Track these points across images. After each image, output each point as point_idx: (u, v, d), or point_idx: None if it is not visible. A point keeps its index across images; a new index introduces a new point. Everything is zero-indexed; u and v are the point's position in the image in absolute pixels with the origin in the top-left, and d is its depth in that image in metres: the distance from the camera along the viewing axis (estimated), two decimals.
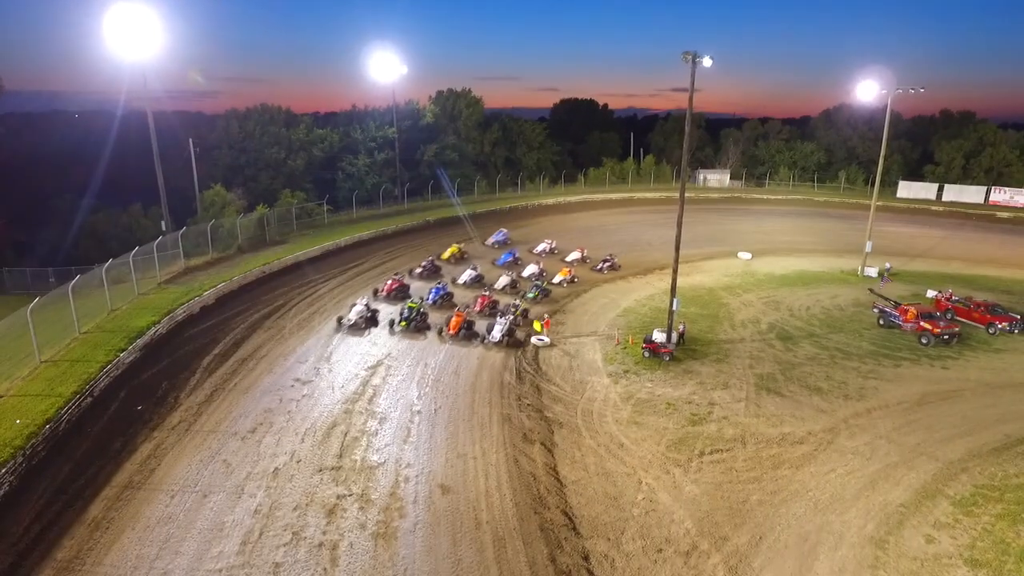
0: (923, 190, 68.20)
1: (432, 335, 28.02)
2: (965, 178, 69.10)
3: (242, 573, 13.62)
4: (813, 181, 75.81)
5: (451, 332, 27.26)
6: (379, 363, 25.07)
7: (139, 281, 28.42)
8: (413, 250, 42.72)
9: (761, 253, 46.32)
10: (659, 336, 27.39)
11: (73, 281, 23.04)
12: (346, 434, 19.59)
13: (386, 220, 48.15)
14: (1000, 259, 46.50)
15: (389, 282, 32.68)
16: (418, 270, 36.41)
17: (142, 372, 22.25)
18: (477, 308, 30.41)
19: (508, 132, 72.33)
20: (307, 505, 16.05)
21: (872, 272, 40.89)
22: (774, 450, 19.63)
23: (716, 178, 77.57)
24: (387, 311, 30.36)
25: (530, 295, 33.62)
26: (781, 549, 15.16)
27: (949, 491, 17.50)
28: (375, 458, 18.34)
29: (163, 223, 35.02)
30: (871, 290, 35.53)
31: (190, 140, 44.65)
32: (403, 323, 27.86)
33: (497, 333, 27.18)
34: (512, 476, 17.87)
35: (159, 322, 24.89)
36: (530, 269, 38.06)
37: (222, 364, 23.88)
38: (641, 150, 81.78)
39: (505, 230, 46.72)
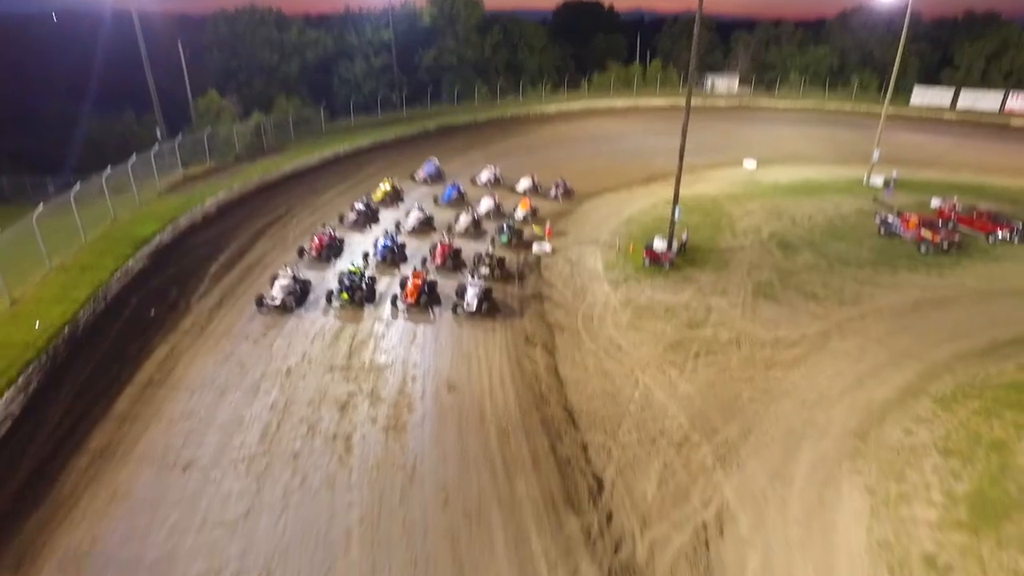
0: (937, 96, 66.40)
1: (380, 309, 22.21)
2: (983, 83, 67.09)
3: (264, 460, 14.72)
4: (824, 87, 73.62)
5: (409, 301, 21.47)
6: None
7: (139, 190, 28.49)
8: (413, 159, 42.24)
9: (767, 162, 45.79)
10: (660, 244, 27.75)
11: (75, 189, 23.18)
12: (354, 337, 20.39)
13: (385, 128, 47.37)
14: (1011, 168, 46.02)
15: (317, 238, 25.43)
16: (352, 216, 29.25)
17: (151, 279, 22.89)
18: (437, 261, 24.73)
19: (509, 35, 69.56)
20: (320, 401, 17.04)
21: (878, 181, 40.64)
22: (767, 352, 20.47)
23: (724, 83, 75.33)
24: (321, 280, 23.93)
25: (502, 239, 28.22)
26: (768, 441, 16.22)
27: (931, 389, 18.45)
28: (383, 359, 19.23)
29: (158, 131, 34.62)
30: (875, 199, 35.54)
31: (179, 43, 43.18)
32: (344, 295, 21.59)
33: (472, 298, 21.47)
34: (515, 375, 18.81)
35: (163, 230, 25.29)
36: (485, 204, 32.19)
37: (229, 271, 24.45)
38: (648, 53, 78.83)
39: (435, 160, 38.23)
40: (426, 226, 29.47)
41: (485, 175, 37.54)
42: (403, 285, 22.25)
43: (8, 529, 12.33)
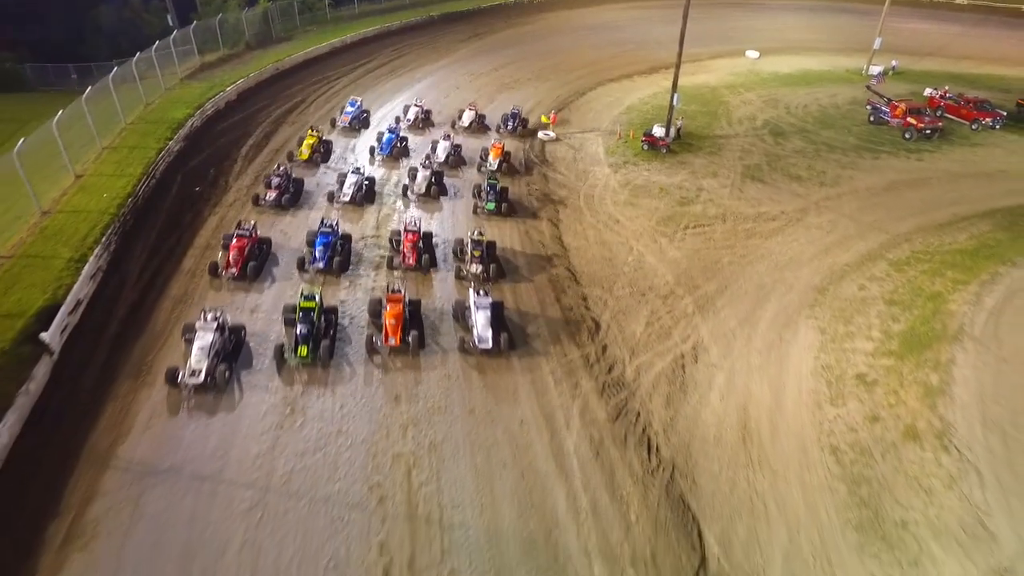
0: None
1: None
2: None
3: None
4: None
5: (390, 342, 15.56)
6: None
7: (162, 76, 29.98)
8: (419, 47, 42.99)
9: (770, 52, 46.34)
10: (658, 131, 29.63)
11: (112, 73, 24.89)
12: (379, 212, 22.91)
13: (390, 16, 47.53)
14: (1013, 57, 46.71)
15: (233, 244, 18.35)
16: (271, 196, 21.83)
17: (190, 160, 25.13)
18: (410, 260, 18.78)
19: None
20: (358, 263, 19.78)
21: (877, 71, 41.61)
22: (749, 225, 23.11)
23: None
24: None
25: (488, 206, 22.53)
26: (741, 295, 19.17)
27: (889, 255, 21.24)
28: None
29: (169, 18, 35.38)
30: (868, 87, 36.92)
31: None
32: (302, 350, 14.89)
33: (485, 331, 15.87)
34: (524, 243, 21.53)
35: (193, 115, 27.18)
36: (441, 150, 26.23)
37: (258, 153, 26.59)
38: None
39: (357, 99, 30.57)
40: (368, 199, 23.04)
41: (413, 112, 30.27)
42: (376, 313, 16.66)
43: (122, 349, 15.45)
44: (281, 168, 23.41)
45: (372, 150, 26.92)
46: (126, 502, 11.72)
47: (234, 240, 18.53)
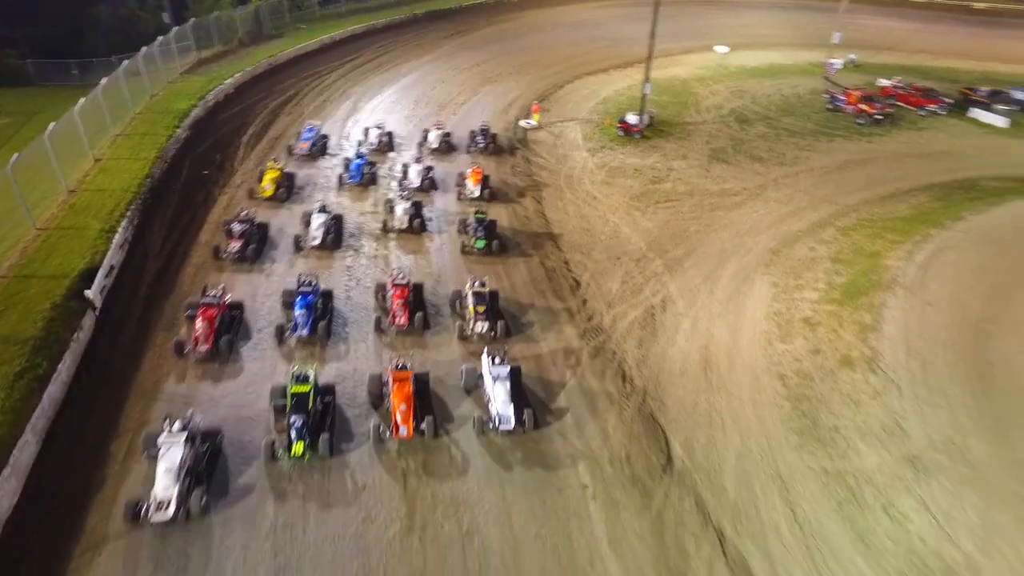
0: None
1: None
2: None
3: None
4: None
5: (401, 433, 13.52)
6: (393, 139, 29.77)
7: (164, 70, 31.76)
8: (404, 44, 45.02)
9: (738, 47, 48.94)
10: (632, 118, 32.02)
11: (123, 66, 26.70)
12: (376, 190, 24.97)
13: (375, 14, 49.48)
14: (963, 52, 49.83)
15: (200, 315, 15.89)
16: (234, 247, 19.23)
17: (197, 146, 26.99)
18: (401, 320, 16.71)
19: None
20: (360, 234, 21.84)
21: (837, 63, 44.45)
22: (714, 200, 25.55)
23: None
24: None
25: (478, 244, 20.67)
26: (705, 257, 21.56)
27: (837, 223, 23.80)
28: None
29: (165, 16, 37.08)
30: (826, 78, 39.76)
31: None
32: (297, 447, 12.91)
33: (505, 408, 13.98)
34: (510, 216, 23.75)
35: (196, 106, 29.02)
36: (413, 175, 24.67)
37: (259, 141, 28.49)
38: None
39: (315, 123, 28.76)
40: (334, 243, 20.71)
41: (374, 133, 28.49)
42: (377, 394, 14.76)
43: (153, 307, 17.44)
44: (243, 212, 20.40)
45: (340, 179, 24.82)
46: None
47: (200, 310, 15.78)
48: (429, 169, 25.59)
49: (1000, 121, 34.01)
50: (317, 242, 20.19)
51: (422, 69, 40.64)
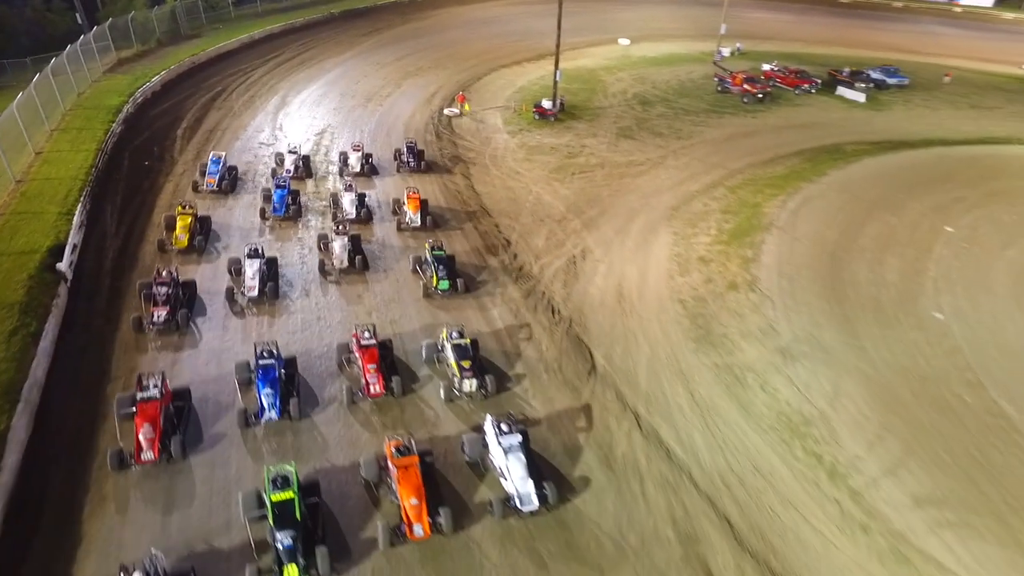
0: None
1: None
2: None
3: (279, 250, 21.65)
4: None
5: (417, 533, 11.77)
6: (324, 130, 31.71)
7: (87, 69, 32.27)
8: (323, 42, 46.63)
9: (639, 39, 53.45)
10: (546, 103, 35.25)
11: (51, 63, 27.46)
12: (315, 172, 26.94)
13: (292, 13, 50.74)
14: (831, 40, 56.31)
15: (140, 416, 13.19)
16: (159, 315, 16.59)
17: (133, 139, 28.06)
18: (375, 388, 14.80)
19: None
20: (306, 213, 23.79)
21: (725, 52, 49.53)
22: (622, 169, 29.03)
23: None
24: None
25: (443, 286, 18.88)
26: (617, 215, 24.87)
27: (727, 183, 27.75)
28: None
29: (78, 16, 37.20)
30: (715, 62, 44.51)
31: None
32: (294, 570, 10.79)
33: (524, 484, 12.48)
34: (444, 191, 26.33)
35: (127, 102, 29.94)
36: (348, 202, 23.00)
37: (194, 134, 29.74)
38: None
39: (220, 154, 25.58)
40: (271, 292, 18.31)
41: (290, 160, 26.32)
42: (375, 485, 12.97)
43: (121, 278, 18.96)
44: (164, 272, 17.50)
45: (263, 212, 22.78)
46: (160, 369, 15.40)
47: (137, 408, 13.14)
48: (363, 197, 23.83)
49: (859, 97, 39.54)
50: (254, 293, 17.88)
51: (345, 65, 42.45)
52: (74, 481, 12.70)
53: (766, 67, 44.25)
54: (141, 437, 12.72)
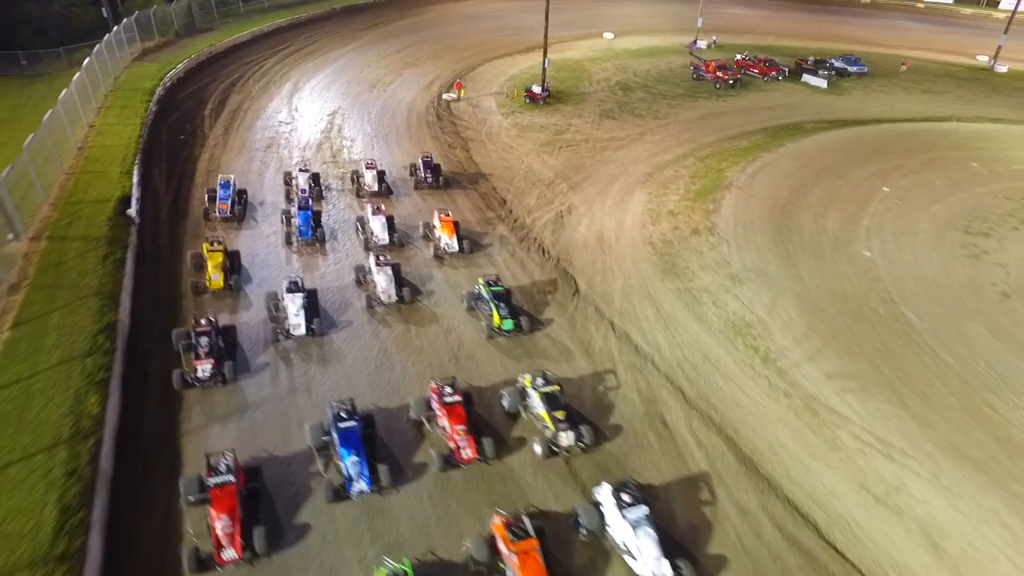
0: None
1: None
2: None
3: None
4: None
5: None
6: (335, 111, 35.26)
7: (120, 57, 35.70)
8: (328, 35, 50.15)
9: (623, 34, 57.26)
10: (536, 88, 38.96)
11: (96, 49, 30.88)
12: (332, 146, 30.56)
13: (297, 9, 54.23)
14: (802, 33, 60.32)
15: (216, 504, 11.96)
16: (204, 370, 15.37)
17: (168, 116, 31.58)
18: (466, 452, 13.70)
19: None
20: (328, 177, 27.32)
21: (702, 44, 53.43)
22: (604, 144, 32.76)
23: None
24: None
25: (507, 326, 17.66)
26: (599, 180, 28.58)
27: (696, 155, 31.54)
28: (356, 154, 29.73)
29: (104, 11, 40.55)
30: (690, 52, 48.43)
31: None
32: None
33: None
34: (445, 159, 29.95)
35: (159, 85, 33.33)
36: (377, 227, 21.90)
37: (220, 114, 33.24)
38: None
39: (228, 177, 24.07)
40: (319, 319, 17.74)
41: (303, 180, 24.91)
42: None
43: (177, 223, 22.47)
44: (203, 320, 16.34)
45: (288, 238, 22.02)
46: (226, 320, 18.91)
47: (212, 494, 11.95)
48: (392, 220, 22.47)
49: (822, 83, 43.54)
50: (301, 332, 17.06)
51: (348, 56, 45.98)
52: (163, 357, 16.29)
53: (738, 57, 48.16)
54: (220, 534, 11.46)
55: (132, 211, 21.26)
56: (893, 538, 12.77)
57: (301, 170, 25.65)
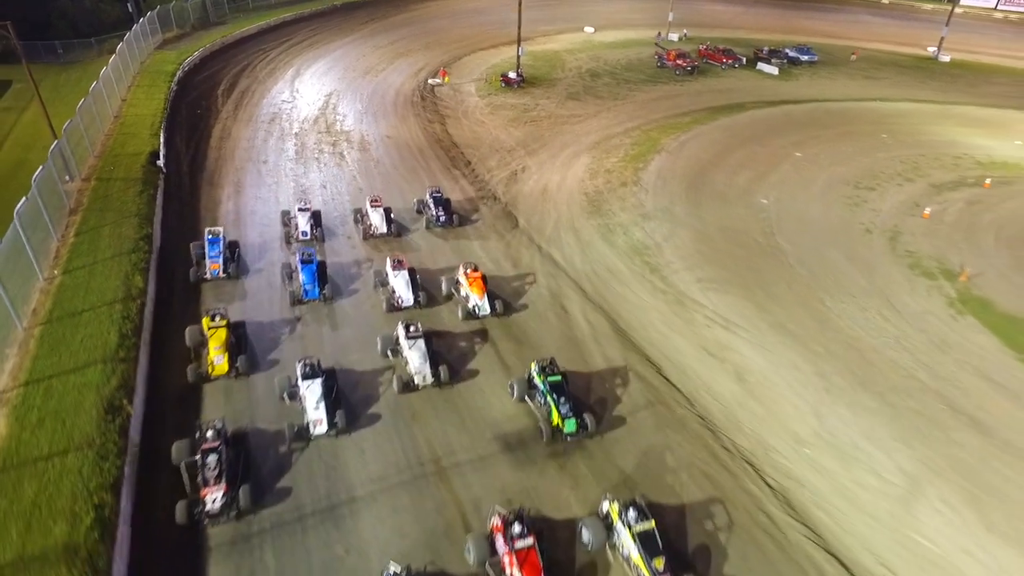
0: None
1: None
2: None
3: (300, 161, 30.43)
4: None
5: None
6: (331, 93, 40.59)
7: (144, 46, 41.25)
8: (328, 29, 55.65)
9: (603, 28, 62.27)
10: (512, 74, 44.12)
11: (126, 37, 36.35)
12: (327, 120, 35.88)
13: (301, 5, 59.98)
14: (772, 27, 65.13)
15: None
16: (216, 498, 12.87)
17: (187, 95, 37.04)
18: None
19: None
20: (321, 144, 32.67)
21: (674, 36, 58.38)
22: (564, 120, 37.87)
23: None
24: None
25: (569, 427, 14.99)
26: (553, 147, 33.68)
27: (642, 128, 36.58)
28: (348, 127, 35.01)
29: (129, 5, 46.21)
30: (656, 43, 53.45)
31: None
32: None
33: None
34: (424, 132, 35.20)
35: (178, 69, 38.85)
36: (402, 284, 19.70)
37: (231, 93, 38.69)
38: None
39: (217, 229, 21.42)
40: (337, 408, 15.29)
41: (304, 221, 22.98)
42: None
43: (196, 175, 27.79)
44: (209, 432, 13.78)
45: (292, 297, 19.47)
46: (233, 217, 24.19)
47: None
48: (414, 273, 20.28)
49: (773, 70, 48.45)
50: (322, 429, 14.69)
51: (346, 47, 51.38)
52: (183, 260, 21.52)
53: (701, 47, 53.12)
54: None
55: (160, 162, 26.61)
56: (713, 376, 17.78)
57: (301, 209, 23.41)
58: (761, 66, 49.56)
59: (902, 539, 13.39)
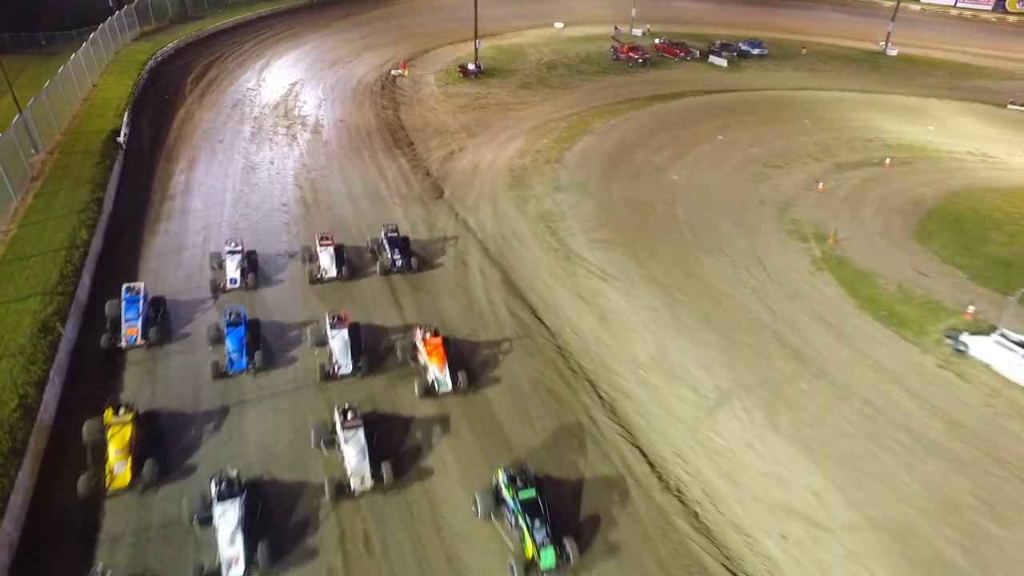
0: None
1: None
2: None
3: (254, 141, 33.26)
4: None
5: None
6: (296, 82, 43.48)
7: (120, 38, 44.28)
8: (303, 23, 58.65)
9: (572, 24, 65.04)
10: (470, 65, 46.91)
11: (99, 28, 39.36)
12: (287, 106, 38.76)
13: (277, 0, 62.79)
14: (738, 24, 67.74)
15: None
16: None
17: (157, 83, 40.10)
18: None
19: None
20: (277, 126, 35.54)
21: (637, 32, 61.09)
22: (511, 107, 40.66)
23: None
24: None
25: (546, 565, 12.31)
26: (493, 131, 36.45)
27: (580, 114, 39.33)
28: (305, 112, 37.90)
29: (110, 1, 49.23)
30: (613, 37, 56.19)
31: None
32: None
33: None
34: (376, 117, 38.04)
35: (150, 59, 41.89)
36: (340, 348, 16.89)
37: (199, 82, 41.65)
38: None
39: (136, 285, 18.44)
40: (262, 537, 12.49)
41: (234, 263, 20.18)
42: None
43: (156, 152, 30.68)
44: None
45: (215, 370, 16.58)
46: (179, 205, 27.03)
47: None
48: (357, 330, 17.79)
49: (723, 63, 51.14)
50: (240, 571, 11.84)
51: (318, 40, 54.32)
52: (136, 221, 24.36)
53: (656, 41, 55.83)
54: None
55: (121, 139, 29.52)
56: (580, 315, 20.53)
57: (231, 252, 20.37)
58: (712, 59, 52.24)
59: (700, 437, 16.07)
